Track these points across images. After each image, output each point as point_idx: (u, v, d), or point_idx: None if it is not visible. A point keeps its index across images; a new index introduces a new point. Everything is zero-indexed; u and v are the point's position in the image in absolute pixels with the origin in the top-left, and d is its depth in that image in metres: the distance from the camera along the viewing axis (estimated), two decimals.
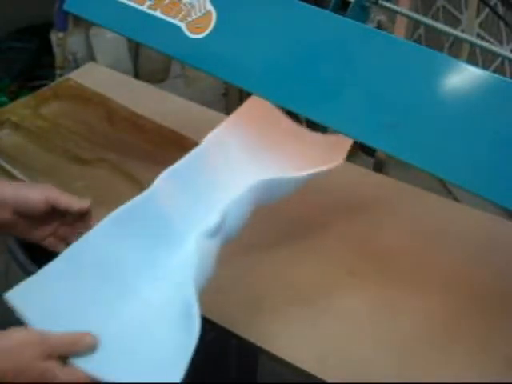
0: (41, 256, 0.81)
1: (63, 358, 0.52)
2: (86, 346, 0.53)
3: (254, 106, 0.71)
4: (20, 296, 0.53)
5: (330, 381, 0.64)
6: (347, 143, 0.69)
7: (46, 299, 0.54)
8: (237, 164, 0.66)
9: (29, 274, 0.81)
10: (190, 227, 0.60)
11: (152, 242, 0.59)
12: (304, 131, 0.74)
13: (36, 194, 0.61)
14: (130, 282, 0.57)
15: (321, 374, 0.64)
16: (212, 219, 0.57)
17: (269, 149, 0.69)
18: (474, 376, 0.64)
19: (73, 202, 0.63)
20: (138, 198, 0.59)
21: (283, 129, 0.72)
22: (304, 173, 0.64)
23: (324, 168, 0.65)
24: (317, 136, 0.73)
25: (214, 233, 0.57)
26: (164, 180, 0.60)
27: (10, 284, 0.57)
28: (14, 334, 0.52)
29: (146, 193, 0.59)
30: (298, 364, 0.65)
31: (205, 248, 0.56)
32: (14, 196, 0.61)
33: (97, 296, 0.56)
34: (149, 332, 0.55)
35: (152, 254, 0.59)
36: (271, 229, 0.80)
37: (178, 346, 0.51)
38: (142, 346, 0.54)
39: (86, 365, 0.52)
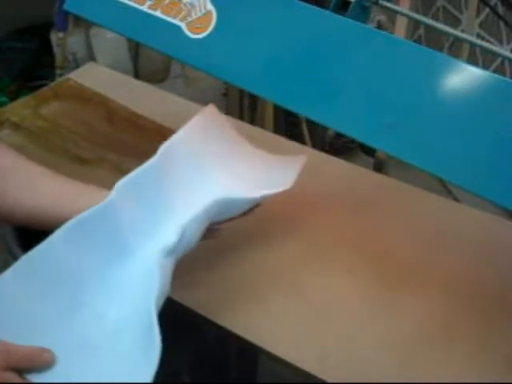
0: None
1: (19, 372, 0.50)
2: (44, 361, 0.51)
3: (207, 117, 0.71)
4: None
5: (329, 381, 0.64)
6: (298, 166, 0.69)
7: (4, 310, 0.53)
8: (191, 178, 0.66)
9: None
10: (143, 241, 0.59)
11: (104, 255, 0.58)
12: (256, 150, 0.73)
13: None
14: (85, 295, 0.56)
15: (321, 374, 0.64)
16: (170, 239, 0.56)
17: (221, 162, 0.69)
18: (474, 376, 0.64)
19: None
20: (89, 211, 0.57)
21: (236, 143, 0.72)
22: (257, 194, 0.64)
23: (276, 191, 0.65)
24: (269, 155, 0.73)
25: (171, 252, 0.57)
26: (115, 193, 0.59)
27: None
28: None
29: (97, 206, 0.57)
30: (298, 364, 0.65)
31: (163, 266, 0.56)
32: None
33: (51, 308, 0.54)
34: (106, 346, 0.53)
35: (104, 266, 0.57)
36: (271, 229, 0.80)
37: (139, 363, 0.50)
38: (100, 360, 0.53)
39: (42, 379, 0.51)
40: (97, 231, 0.57)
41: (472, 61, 1.57)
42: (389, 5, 0.67)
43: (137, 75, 1.65)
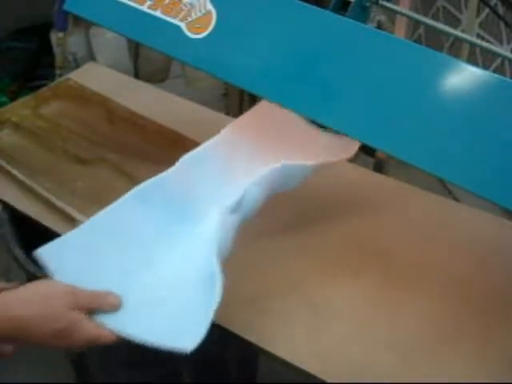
0: None
1: (87, 313, 0.55)
2: (110, 304, 0.56)
3: (266, 105, 0.73)
4: (48, 253, 0.58)
5: (329, 381, 0.64)
6: (355, 145, 0.71)
7: (72, 259, 0.59)
8: (252, 154, 0.70)
9: (29, 273, 0.81)
10: (207, 206, 0.65)
11: (170, 217, 0.64)
12: (313, 129, 0.74)
13: None
14: (152, 252, 0.62)
15: (321, 374, 0.64)
16: (232, 197, 0.62)
17: (280, 145, 0.72)
18: (475, 376, 0.64)
19: None
20: (158, 176, 0.64)
21: (294, 127, 0.74)
22: (316, 161, 0.68)
23: (335, 158, 0.70)
24: (326, 136, 0.74)
25: (234, 209, 0.62)
26: (186, 161, 0.66)
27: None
28: (42, 285, 0.56)
29: (166, 172, 0.64)
30: (298, 364, 0.65)
31: (225, 222, 0.61)
32: None
33: (119, 260, 0.60)
34: (171, 294, 0.59)
35: (171, 228, 0.63)
36: (271, 229, 0.80)
37: (199, 310, 0.55)
38: (165, 306, 0.58)
39: (109, 321, 0.55)
40: (163, 195, 0.64)
41: (472, 61, 1.57)
42: (389, 5, 0.67)
43: (137, 75, 1.65)
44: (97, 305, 0.56)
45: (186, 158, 0.66)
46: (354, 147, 0.70)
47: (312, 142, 0.72)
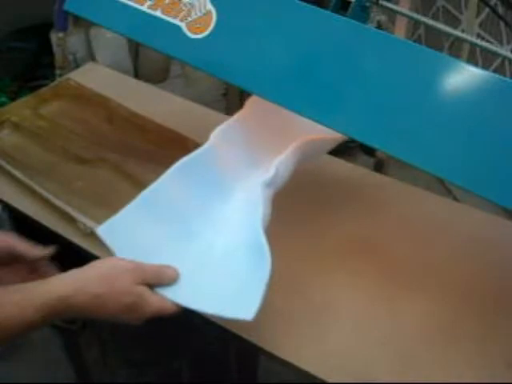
0: None
1: (150, 287, 0.58)
2: (169, 276, 0.60)
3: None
4: (108, 231, 0.63)
5: (330, 381, 0.64)
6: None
7: (129, 235, 0.63)
8: (279, 129, 0.74)
9: None
10: (239, 181, 0.69)
11: (211, 192, 0.67)
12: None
13: None
14: (195, 226, 0.65)
15: (321, 374, 0.64)
16: (268, 173, 0.65)
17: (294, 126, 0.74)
18: (474, 376, 0.64)
19: (29, 251, 0.65)
20: (194, 154, 0.67)
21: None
22: (336, 135, 0.69)
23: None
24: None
25: (270, 183, 0.65)
26: (216, 137, 0.69)
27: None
28: (108, 262, 0.59)
29: (201, 149, 0.68)
30: (298, 364, 0.65)
31: (264, 196, 0.65)
32: None
33: (168, 236, 0.64)
34: (223, 266, 0.62)
35: (211, 203, 0.67)
36: (270, 229, 0.80)
37: (253, 277, 0.58)
38: (217, 274, 0.61)
39: (170, 293, 0.59)
40: (201, 171, 0.67)
41: (472, 61, 1.57)
42: (389, 5, 0.67)
43: (137, 75, 1.65)
44: (158, 278, 0.59)
45: (216, 133, 0.70)
46: None
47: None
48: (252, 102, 0.75)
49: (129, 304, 0.56)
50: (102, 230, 0.63)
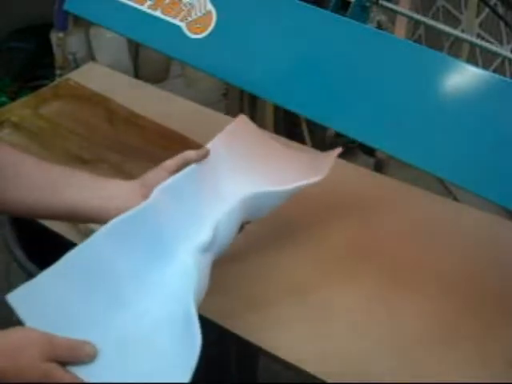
0: (40, 256, 0.81)
1: (61, 364, 0.51)
2: (86, 354, 0.52)
3: (241, 124, 0.71)
4: (19, 298, 0.54)
5: (329, 381, 0.64)
6: (330, 160, 0.70)
7: (44, 304, 0.55)
8: (225, 180, 0.67)
9: (29, 273, 0.81)
10: (182, 241, 0.61)
11: (144, 255, 0.59)
12: (289, 150, 0.74)
13: (161, 174, 0.62)
14: (126, 293, 0.58)
15: (321, 374, 0.64)
16: (205, 234, 0.59)
17: (255, 165, 0.70)
18: (474, 375, 0.64)
19: (189, 154, 0.64)
20: (131, 212, 0.58)
21: (269, 146, 0.73)
22: (289, 186, 0.65)
23: (307, 182, 0.66)
24: (301, 154, 0.75)
25: (207, 247, 0.59)
26: (157, 195, 0.60)
27: (10, 283, 0.57)
28: (15, 333, 0.52)
29: (139, 207, 0.59)
30: (298, 364, 0.65)
31: (200, 262, 0.58)
32: (143, 183, 0.63)
33: (92, 305, 0.56)
34: (147, 343, 0.55)
35: (145, 266, 0.59)
36: (271, 229, 0.80)
37: (179, 357, 0.51)
38: (141, 356, 0.54)
39: (84, 373, 0.51)
40: (137, 232, 0.59)
41: (472, 61, 1.57)
42: (389, 5, 0.67)
43: (137, 75, 1.65)
44: (72, 355, 0.52)
45: (158, 192, 0.61)
46: (326, 170, 0.68)
47: (288, 163, 0.71)
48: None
49: (33, 382, 0.49)
50: (12, 298, 0.54)
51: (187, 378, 0.49)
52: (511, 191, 0.53)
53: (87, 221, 0.64)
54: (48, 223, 0.81)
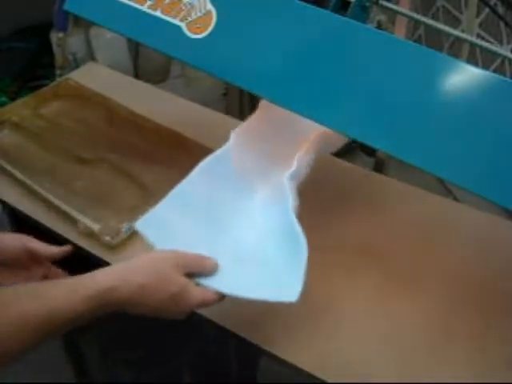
0: None
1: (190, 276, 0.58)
2: (211, 266, 0.60)
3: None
4: (145, 225, 0.64)
5: (330, 381, 0.64)
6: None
7: (166, 228, 0.64)
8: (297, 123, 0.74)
9: None
10: (266, 175, 0.71)
11: (237, 187, 0.69)
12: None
13: (11, 240, 0.64)
14: (229, 219, 0.67)
15: (321, 374, 0.64)
16: (293, 166, 0.68)
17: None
18: (474, 376, 0.64)
19: (52, 248, 0.66)
20: (219, 151, 0.70)
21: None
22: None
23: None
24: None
25: (294, 176, 0.67)
26: (237, 136, 0.72)
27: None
28: (153, 254, 0.60)
29: (222, 148, 0.70)
30: (298, 364, 0.65)
31: (291, 187, 0.67)
32: None
33: (200, 234, 0.64)
34: (259, 254, 0.63)
35: (239, 197, 0.69)
36: None
37: (291, 261, 0.59)
38: (257, 265, 0.62)
39: (211, 283, 0.59)
40: (223, 171, 0.69)
41: (472, 61, 1.57)
42: (389, 5, 0.67)
43: (137, 75, 1.65)
44: (201, 268, 0.59)
45: (238, 132, 0.73)
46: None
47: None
48: (265, 104, 0.77)
49: (174, 294, 0.56)
50: (140, 225, 0.64)
51: (301, 275, 0.58)
52: (511, 191, 0.53)
53: None
54: (48, 223, 0.81)
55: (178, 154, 0.90)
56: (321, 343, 0.67)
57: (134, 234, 0.78)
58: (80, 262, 0.77)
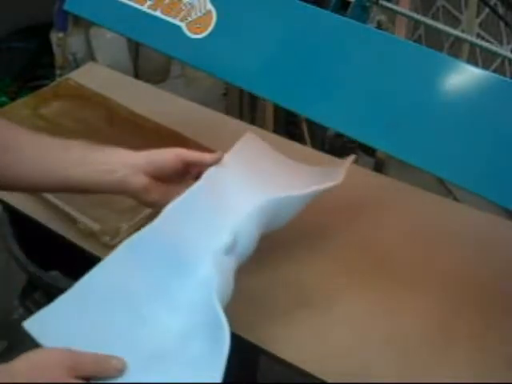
0: (40, 256, 0.81)
1: (86, 380, 0.50)
2: (114, 367, 0.51)
3: (249, 141, 0.70)
4: (37, 325, 0.53)
5: (330, 381, 0.64)
6: (345, 166, 0.71)
7: (63, 328, 0.54)
8: (239, 192, 0.66)
9: (29, 273, 0.81)
10: (201, 252, 0.60)
11: (163, 271, 0.59)
12: (300, 164, 0.75)
13: (169, 154, 0.62)
14: (147, 310, 0.57)
15: (321, 374, 0.64)
16: (225, 238, 0.59)
17: (267, 178, 0.69)
18: (474, 376, 0.64)
19: (205, 156, 0.63)
20: (146, 229, 0.59)
21: (279, 161, 0.73)
22: (307, 190, 0.65)
23: (324, 186, 0.67)
24: (313, 167, 0.75)
25: (228, 250, 0.59)
26: (170, 211, 0.60)
27: (10, 283, 0.57)
28: (36, 355, 0.50)
29: (153, 224, 0.59)
30: (299, 364, 0.65)
31: (222, 264, 0.58)
32: (148, 160, 0.61)
33: (113, 325, 0.55)
34: (179, 352, 0.54)
35: (165, 283, 0.59)
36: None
37: (208, 361, 0.51)
38: (170, 368, 0.53)
39: None
40: (152, 249, 0.59)
41: (472, 61, 1.57)
42: (389, 5, 0.67)
43: (137, 75, 1.65)
44: (101, 369, 0.50)
45: (171, 208, 0.60)
46: (341, 176, 0.69)
47: (299, 175, 0.72)
48: (212, 170, 0.65)
49: None
50: (30, 325, 0.53)
51: (220, 371, 0.49)
52: (511, 191, 0.53)
53: (88, 193, 0.64)
54: (48, 223, 0.81)
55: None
56: (321, 343, 0.67)
57: (133, 234, 0.77)
58: (80, 262, 0.77)
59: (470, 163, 0.55)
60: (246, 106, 1.69)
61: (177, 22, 0.70)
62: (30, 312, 0.81)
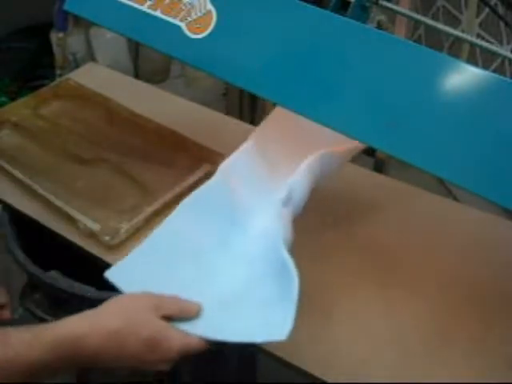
0: (40, 256, 0.81)
1: (168, 320, 0.54)
2: (192, 309, 0.55)
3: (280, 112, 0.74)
4: (117, 274, 0.59)
5: (330, 381, 0.64)
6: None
7: (140, 276, 0.59)
8: (285, 152, 0.71)
9: (29, 273, 0.81)
10: (257, 208, 0.66)
11: (225, 225, 0.65)
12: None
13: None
14: (213, 260, 0.63)
15: (321, 374, 0.64)
16: (282, 191, 0.64)
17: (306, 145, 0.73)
18: (474, 376, 0.64)
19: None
20: (204, 186, 0.65)
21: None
22: (348, 145, 0.70)
23: (357, 144, 0.71)
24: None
25: (285, 202, 0.64)
26: (225, 169, 0.67)
27: (10, 284, 0.57)
28: (125, 298, 0.55)
29: (210, 181, 0.66)
30: (298, 364, 0.65)
31: (281, 215, 0.63)
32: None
33: (184, 273, 0.60)
34: (248, 296, 0.59)
35: (229, 229, 0.65)
36: None
37: (281, 299, 0.56)
38: (245, 308, 0.58)
39: (195, 328, 0.55)
40: (212, 205, 0.65)
41: (472, 61, 1.57)
42: (389, 5, 0.67)
43: (137, 75, 1.65)
44: (180, 311, 0.54)
45: (223, 168, 0.67)
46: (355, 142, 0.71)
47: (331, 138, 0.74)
48: (258, 130, 0.74)
49: (147, 339, 0.51)
50: (110, 275, 0.58)
51: (292, 312, 0.54)
52: (511, 191, 0.53)
53: None
54: (48, 223, 0.81)
55: (178, 154, 0.90)
56: (321, 343, 0.67)
57: (133, 234, 0.78)
58: (80, 262, 0.77)
59: (470, 163, 0.55)
60: (246, 106, 1.69)
61: (177, 21, 0.70)
62: (30, 312, 0.81)
